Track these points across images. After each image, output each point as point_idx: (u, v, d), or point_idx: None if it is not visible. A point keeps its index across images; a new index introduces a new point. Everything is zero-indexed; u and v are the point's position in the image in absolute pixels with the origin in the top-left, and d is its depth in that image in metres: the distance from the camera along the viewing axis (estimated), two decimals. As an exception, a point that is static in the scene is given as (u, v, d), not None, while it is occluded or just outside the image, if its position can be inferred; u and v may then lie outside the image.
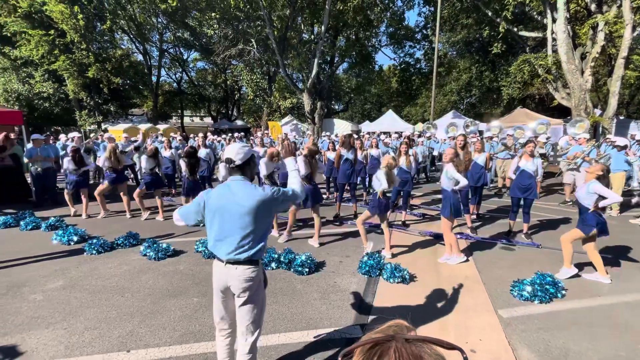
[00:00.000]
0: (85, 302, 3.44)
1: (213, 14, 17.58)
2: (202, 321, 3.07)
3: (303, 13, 17.75)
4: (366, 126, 19.19)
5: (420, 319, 3.15)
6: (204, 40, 24.44)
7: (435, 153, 11.64)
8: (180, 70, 29.66)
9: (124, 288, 3.74)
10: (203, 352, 2.65)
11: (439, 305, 3.44)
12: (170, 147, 8.68)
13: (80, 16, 17.45)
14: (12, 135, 9.33)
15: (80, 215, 6.71)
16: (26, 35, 18.20)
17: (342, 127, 19.28)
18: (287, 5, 16.79)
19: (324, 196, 8.50)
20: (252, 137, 15.14)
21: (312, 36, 19.28)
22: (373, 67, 23.46)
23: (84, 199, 6.73)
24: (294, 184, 2.19)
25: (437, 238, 5.38)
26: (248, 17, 17.46)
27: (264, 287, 2.17)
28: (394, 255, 4.65)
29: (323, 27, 15.89)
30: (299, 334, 2.93)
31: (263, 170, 5.09)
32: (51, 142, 9.50)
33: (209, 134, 15.07)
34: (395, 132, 14.27)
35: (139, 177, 9.32)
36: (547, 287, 3.52)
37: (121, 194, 6.68)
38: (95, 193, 6.61)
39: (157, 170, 6.76)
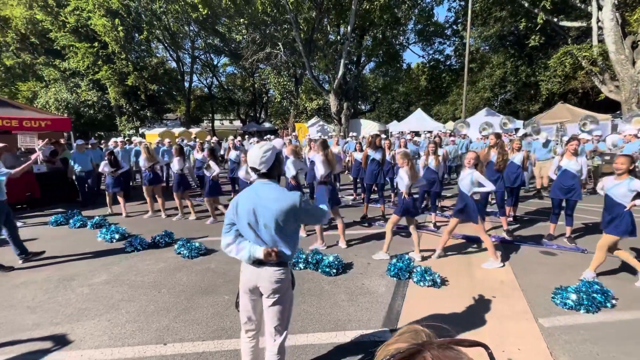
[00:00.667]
0: (126, 296, 3.65)
1: (241, 20, 18.09)
2: (233, 318, 3.15)
3: (329, 14, 17.79)
4: (394, 126, 18.82)
5: (452, 324, 3.03)
6: (232, 45, 25.23)
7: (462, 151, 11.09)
8: (210, 75, 30.83)
9: (160, 284, 3.93)
10: (234, 348, 2.72)
11: (473, 311, 3.29)
12: (203, 150, 9.01)
13: (120, 28, 18.64)
14: (62, 141, 10.16)
15: (120, 214, 7.14)
16: (73, 48, 19.75)
17: (369, 127, 19.06)
18: (313, 7, 16.92)
19: (351, 197, 8.45)
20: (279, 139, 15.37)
21: (338, 37, 19.26)
22: (401, 65, 23.04)
23: (120, 200, 7.18)
24: (323, 203, 2.17)
25: (470, 241, 5.17)
26: (275, 21, 17.79)
27: (292, 288, 2.18)
28: (424, 259, 4.52)
29: (349, 27, 15.84)
30: (327, 335, 2.92)
31: (291, 171, 5.13)
32: (100, 147, 10.26)
33: (238, 137, 15.51)
34: (425, 131, 13.86)
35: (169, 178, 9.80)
36: (595, 295, 3.26)
37: (156, 195, 7.05)
38: (146, 194, 7.06)
39: (185, 171, 7.07)
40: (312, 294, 3.63)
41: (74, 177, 8.27)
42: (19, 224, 6.59)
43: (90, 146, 8.89)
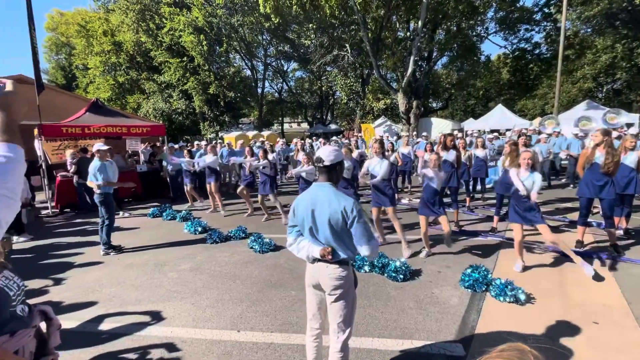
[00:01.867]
0: (206, 284, 4.04)
1: (310, 25, 18.69)
2: (299, 314, 3.25)
3: (398, 11, 17.27)
4: (470, 124, 17.34)
5: (540, 352, 2.65)
6: (301, 50, 26.26)
7: (562, 154, 9.61)
8: (281, 81, 32.53)
9: (235, 275, 4.27)
10: (300, 343, 2.80)
11: (567, 338, 2.83)
12: (273, 151, 9.55)
13: (204, 43, 20.89)
14: (158, 144, 11.77)
15: (197, 209, 7.98)
16: (168, 63, 22.77)
17: (440, 126, 17.97)
18: (381, 5, 16.61)
19: (417, 200, 8.04)
20: (345, 140, 15.45)
21: (408, 33, 18.57)
22: (478, 58, 21.18)
23: (194, 194, 8.08)
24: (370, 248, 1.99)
25: (564, 256, 4.47)
26: (342, 23, 17.96)
27: (355, 287, 2.16)
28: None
29: (420, 23, 15.14)
30: (393, 341, 2.82)
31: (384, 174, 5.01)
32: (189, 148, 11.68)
33: (306, 138, 16.03)
34: (507, 130, 12.45)
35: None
36: None
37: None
38: (215, 191, 7.76)
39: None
40: (377, 298, 3.55)
41: (167, 176, 9.51)
42: (125, 214, 7.87)
43: (179, 148, 10.13)
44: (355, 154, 7.91)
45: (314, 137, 19.54)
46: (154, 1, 22.59)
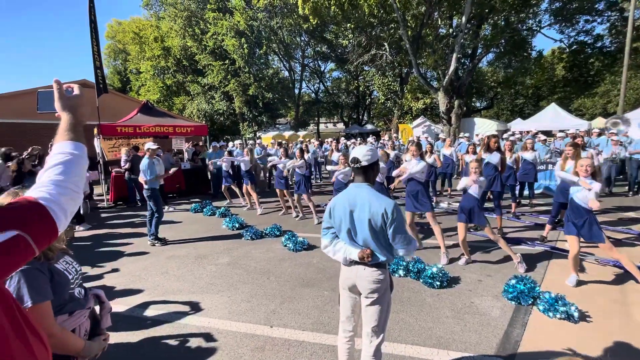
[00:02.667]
0: (242, 279, 4.18)
1: (348, 25, 18.59)
2: (331, 314, 3.24)
3: (440, 7, 16.62)
4: (517, 124, 16.20)
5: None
6: (339, 50, 26.24)
7: (624, 154, 8.63)
8: (318, 81, 32.75)
9: (269, 272, 4.36)
10: (331, 344, 2.79)
11: (630, 361, 2.53)
12: (307, 152, 9.65)
13: (245, 46, 21.63)
14: (200, 143, 12.40)
15: (234, 205, 8.27)
16: (211, 66, 23.89)
17: (484, 126, 17.01)
18: (422, 2, 16.09)
19: (456, 204, 7.67)
20: (381, 141, 15.17)
21: (451, 29, 17.79)
22: (529, 54, 19.71)
23: (236, 190, 8.46)
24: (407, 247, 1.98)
25: (627, 272, 4.01)
26: (381, 21, 17.65)
27: (390, 290, 2.11)
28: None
29: (464, 18, 14.45)
30: (428, 350, 2.71)
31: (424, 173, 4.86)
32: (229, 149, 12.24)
33: (341, 138, 15.98)
34: (560, 131, 11.47)
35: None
36: None
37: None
38: (251, 191, 8.00)
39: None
40: (412, 304, 3.43)
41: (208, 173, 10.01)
42: (170, 209, 8.38)
43: (220, 147, 10.58)
44: (391, 155, 7.74)
45: (350, 137, 19.44)
46: (200, 7, 23.83)
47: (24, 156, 5.52)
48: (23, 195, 0.89)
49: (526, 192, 7.42)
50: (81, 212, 6.97)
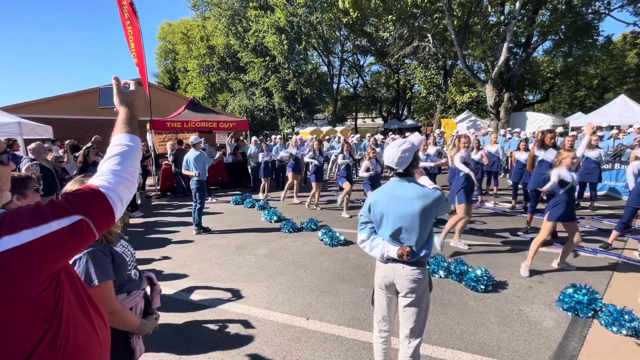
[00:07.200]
0: (280, 270, 4.27)
1: (390, 17, 18.04)
2: (367, 311, 3.20)
3: (491, -7, 15.52)
4: (578, 118, 14.59)
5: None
6: (379, 44, 25.62)
7: None
8: (356, 75, 32.31)
9: (306, 265, 4.41)
10: (367, 340, 2.75)
11: None
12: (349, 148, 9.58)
13: (285, 42, 21.90)
14: (241, 138, 12.83)
15: (273, 199, 8.45)
16: (252, 63, 24.56)
17: (537, 120, 15.70)
18: (471, -12, 15.14)
19: (509, 204, 7.17)
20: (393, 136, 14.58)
21: (502, 17, 16.55)
22: (595, 40, 17.70)
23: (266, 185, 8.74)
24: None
25: None
26: (425, 11, 16.89)
27: (429, 290, 2.03)
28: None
29: (517, 4, 13.36)
30: (471, 356, 2.57)
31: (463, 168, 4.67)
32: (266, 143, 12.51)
33: (379, 134, 15.63)
34: (630, 126, 10.16)
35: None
36: None
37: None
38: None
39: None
40: (453, 307, 3.28)
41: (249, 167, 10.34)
42: (213, 200, 8.80)
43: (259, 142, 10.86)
44: (433, 150, 7.43)
45: (389, 133, 18.93)
46: (243, 5, 24.53)
47: (88, 146, 6.13)
48: (87, 183, 0.96)
49: (587, 193, 6.75)
50: (137, 201, 7.55)
